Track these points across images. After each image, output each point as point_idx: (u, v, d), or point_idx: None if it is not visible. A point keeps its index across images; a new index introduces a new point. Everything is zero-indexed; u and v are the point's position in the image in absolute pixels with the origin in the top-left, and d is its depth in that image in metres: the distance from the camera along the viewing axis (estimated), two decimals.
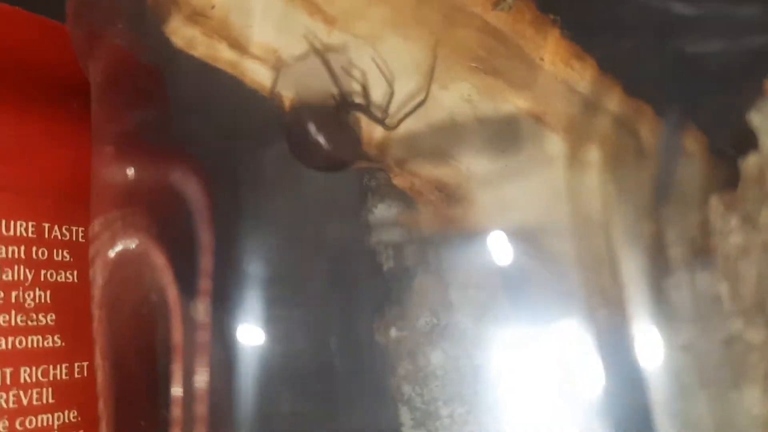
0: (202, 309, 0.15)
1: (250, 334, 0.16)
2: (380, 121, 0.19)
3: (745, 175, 0.15)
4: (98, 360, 0.18)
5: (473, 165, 0.19)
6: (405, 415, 0.19)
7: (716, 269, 0.15)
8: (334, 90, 0.17)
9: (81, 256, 0.19)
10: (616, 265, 0.15)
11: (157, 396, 0.16)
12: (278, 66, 0.17)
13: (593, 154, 0.18)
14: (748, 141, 0.15)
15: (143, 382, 0.17)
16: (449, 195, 0.19)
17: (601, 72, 0.19)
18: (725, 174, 0.15)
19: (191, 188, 0.15)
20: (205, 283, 0.15)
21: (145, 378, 0.17)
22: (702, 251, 0.15)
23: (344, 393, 0.18)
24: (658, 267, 0.15)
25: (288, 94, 0.17)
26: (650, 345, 0.15)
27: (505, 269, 0.20)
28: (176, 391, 0.16)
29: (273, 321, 0.16)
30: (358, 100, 0.18)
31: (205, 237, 0.15)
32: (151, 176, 0.16)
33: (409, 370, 0.20)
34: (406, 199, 0.20)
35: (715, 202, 0.15)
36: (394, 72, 0.19)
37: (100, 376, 0.18)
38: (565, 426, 0.18)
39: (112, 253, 0.17)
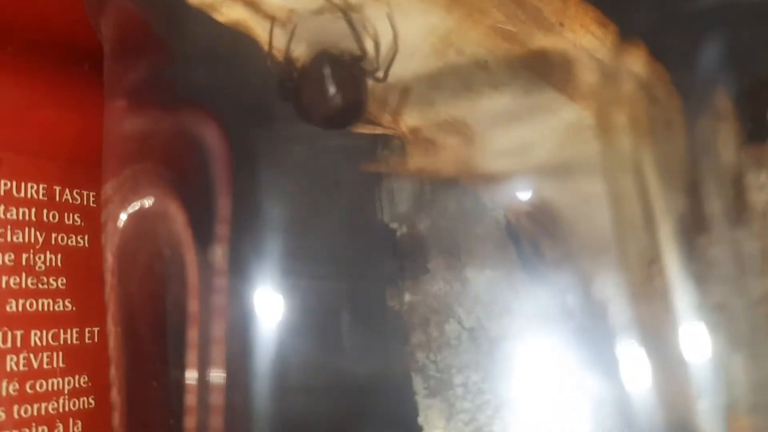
0: (219, 254, 0.15)
1: (266, 297, 0.16)
2: (379, 80, 0.18)
3: None
4: (110, 326, 0.18)
5: (490, 123, 0.18)
6: (418, 384, 0.19)
7: (751, 226, 0.14)
8: (351, 48, 0.17)
9: (92, 220, 0.19)
10: (650, 214, 0.15)
11: (170, 357, 0.16)
12: (291, 25, 0.16)
13: (621, 121, 0.18)
14: None
15: (156, 344, 0.17)
16: (462, 151, 0.18)
17: (623, 36, 0.18)
18: (754, 128, 0.15)
19: (209, 140, 0.15)
20: (222, 230, 0.15)
21: (158, 340, 0.17)
22: (738, 208, 0.14)
23: (357, 355, 0.18)
24: (693, 223, 0.15)
25: (300, 56, 0.17)
26: (682, 306, 0.14)
27: (520, 240, 0.20)
28: (191, 352, 0.15)
29: (288, 284, 0.16)
30: (369, 63, 0.18)
31: (222, 187, 0.15)
32: (166, 126, 0.16)
33: (422, 339, 0.19)
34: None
35: (745, 158, 0.14)
36: (408, 35, 0.18)
37: (112, 342, 0.18)
38: (585, 394, 0.17)
39: (124, 216, 0.17)
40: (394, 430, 0.18)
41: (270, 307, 0.16)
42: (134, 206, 0.17)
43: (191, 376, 0.15)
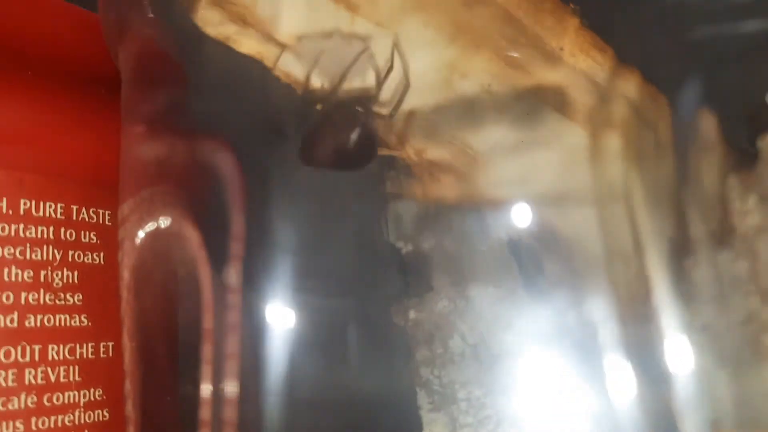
0: (234, 275, 0.15)
1: (277, 313, 0.16)
2: (388, 117, 0.19)
3: (764, 155, 0.15)
4: (125, 341, 0.19)
5: (492, 152, 0.19)
6: (423, 399, 0.19)
7: (735, 249, 0.15)
8: (365, 81, 0.17)
9: (107, 238, 0.20)
10: (639, 240, 0.15)
11: (183, 372, 0.17)
12: (311, 56, 0.17)
13: (614, 143, 0.18)
14: (766, 121, 0.15)
15: (170, 359, 0.18)
16: (466, 176, 0.19)
17: (619, 61, 0.19)
18: (742, 154, 0.15)
19: (223, 165, 0.16)
20: (236, 249, 0.15)
21: (172, 355, 0.18)
22: (722, 231, 0.15)
23: (365, 371, 0.18)
24: (680, 246, 0.15)
25: (318, 88, 0.18)
26: (670, 327, 0.15)
27: (523, 259, 0.20)
28: (205, 367, 0.16)
29: (299, 304, 0.17)
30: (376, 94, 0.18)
31: (236, 210, 0.16)
32: (183, 153, 0.16)
33: (426, 355, 0.20)
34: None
35: (733, 182, 0.15)
36: (412, 62, 0.19)
37: (127, 356, 0.19)
38: (584, 409, 0.18)
39: (142, 234, 0.18)
40: None
41: (281, 322, 0.17)
42: (151, 226, 0.17)
43: (205, 390, 0.16)
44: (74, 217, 0.19)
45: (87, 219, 0.20)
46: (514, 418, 0.18)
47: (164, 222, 0.16)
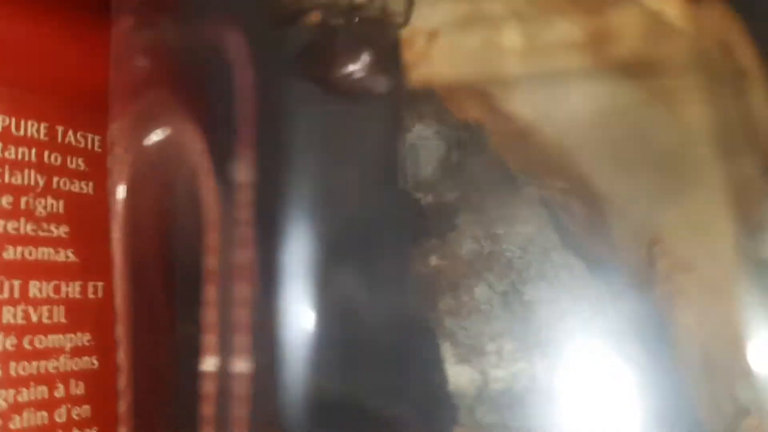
0: (242, 173, 0.13)
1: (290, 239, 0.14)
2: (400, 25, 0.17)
3: None
4: (117, 281, 0.17)
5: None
6: (447, 351, 0.17)
7: None
8: None
9: (97, 167, 0.18)
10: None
11: (183, 306, 0.15)
12: None
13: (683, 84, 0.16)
14: None
15: (167, 298, 0.16)
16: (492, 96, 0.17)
17: None
18: None
19: (230, 47, 0.13)
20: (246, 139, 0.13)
21: (170, 293, 0.16)
22: None
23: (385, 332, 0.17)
24: None
25: None
26: None
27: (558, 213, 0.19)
28: (209, 287, 0.14)
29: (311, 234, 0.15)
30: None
31: (245, 105, 0.13)
32: (181, 39, 0.14)
33: (451, 304, 0.18)
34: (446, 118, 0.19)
35: None
36: None
37: (119, 298, 0.17)
38: (625, 362, 0.16)
39: (133, 158, 0.16)
40: (425, 397, 0.17)
41: (294, 247, 0.15)
42: (144, 146, 0.15)
43: (210, 315, 0.14)
44: (60, 140, 0.17)
45: (74, 143, 0.17)
46: (551, 371, 0.16)
47: (161, 135, 0.14)
